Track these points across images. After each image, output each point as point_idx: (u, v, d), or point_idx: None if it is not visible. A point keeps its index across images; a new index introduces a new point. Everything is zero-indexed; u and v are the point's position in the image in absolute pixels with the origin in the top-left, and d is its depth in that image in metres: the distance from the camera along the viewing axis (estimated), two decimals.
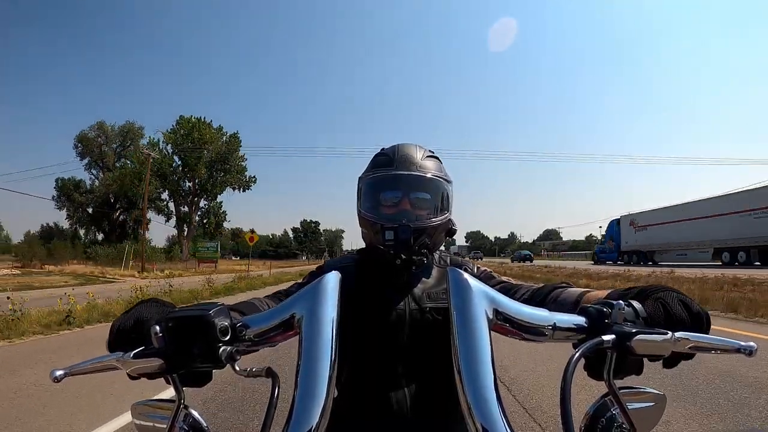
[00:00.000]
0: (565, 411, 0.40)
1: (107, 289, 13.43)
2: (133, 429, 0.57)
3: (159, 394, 3.39)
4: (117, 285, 15.62)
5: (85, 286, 15.78)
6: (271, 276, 22.24)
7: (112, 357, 0.52)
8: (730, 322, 6.80)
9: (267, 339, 0.54)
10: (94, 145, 46.59)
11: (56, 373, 0.51)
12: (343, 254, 0.98)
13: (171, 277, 19.86)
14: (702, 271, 14.45)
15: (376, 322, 0.83)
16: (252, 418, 3.12)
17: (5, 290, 10.46)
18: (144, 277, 22.18)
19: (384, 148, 0.96)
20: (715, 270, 15.54)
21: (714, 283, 11.11)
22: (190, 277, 22.75)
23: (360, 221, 0.94)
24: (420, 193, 0.89)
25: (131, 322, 0.55)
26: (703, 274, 13.20)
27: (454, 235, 0.97)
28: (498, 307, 0.48)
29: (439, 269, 0.94)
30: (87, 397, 3.59)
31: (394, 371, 0.82)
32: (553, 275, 18.86)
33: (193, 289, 13.82)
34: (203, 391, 0.58)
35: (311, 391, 0.42)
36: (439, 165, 0.94)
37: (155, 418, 0.54)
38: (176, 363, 0.50)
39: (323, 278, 0.51)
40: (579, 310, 0.56)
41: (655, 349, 0.46)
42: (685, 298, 0.53)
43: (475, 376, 0.42)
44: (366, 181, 0.92)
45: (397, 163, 0.89)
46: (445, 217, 0.90)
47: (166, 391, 3.32)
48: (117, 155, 47.35)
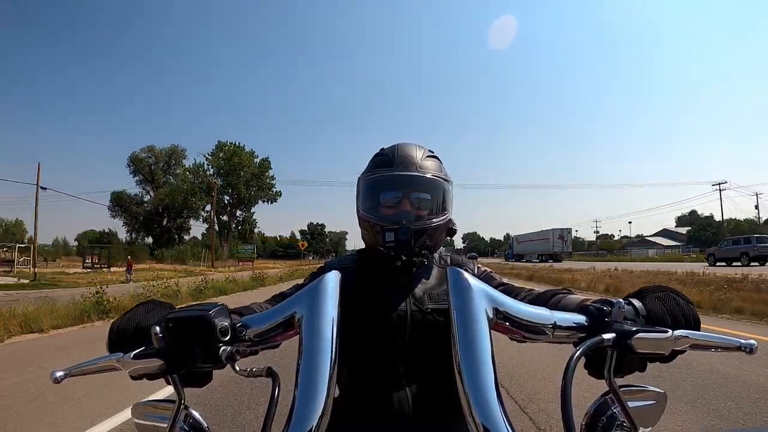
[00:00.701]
0: (565, 409, 0.40)
1: (215, 278, 16.63)
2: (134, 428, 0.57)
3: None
4: (213, 275, 19.53)
5: (190, 277, 19.42)
6: (309, 269, 28.19)
7: (112, 357, 0.52)
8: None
9: (267, 339, 0.54)
10: (144, 165, 56.27)
11: (56, 374, 0.51)
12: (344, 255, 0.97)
13: (236, 272, 27.16)
14: (534, 266, 32.77)
15: (377, 323, 0.83)
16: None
17: (124, 282, 16.02)
18: (219, 272, 29.91)
19: (383, 148, 0.95)
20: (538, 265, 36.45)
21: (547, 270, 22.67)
22: (244, 272, 27.68)
23: (360, 222, 0.93)
24: (420, 194, 0.88)
25: (131, 323, 0.55)
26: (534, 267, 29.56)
27: (454, 235, 0.96)
28: (498, 306, 0.48)
29: (439, 269, 0.93)
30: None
31: (395, 371, 0.82)
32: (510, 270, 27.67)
33: (275, 274, 22.00)
34: (204, 391, 0.58)
35: (312, 391, 0.42)
36: (439, 165, 0.93)
37: (156, 418, 0.54)
38: (176, 363, 0.50)
39: (323, 278, 0.51)
40: (579, 308, 0.56)
41: (655, 348, 0.46)
42: (682, 297, 0.53)
43: (475, 375, 0.42)
44: (365, 181, 0.91)
45: (397, 163, 0.87)
46: (445, 217, 0.89)
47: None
48: (164, 173, 57.68)
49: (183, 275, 22.63)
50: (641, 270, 19.05)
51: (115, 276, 22.31)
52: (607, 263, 31.60)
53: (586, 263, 31.69)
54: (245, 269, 33.08)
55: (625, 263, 30.65)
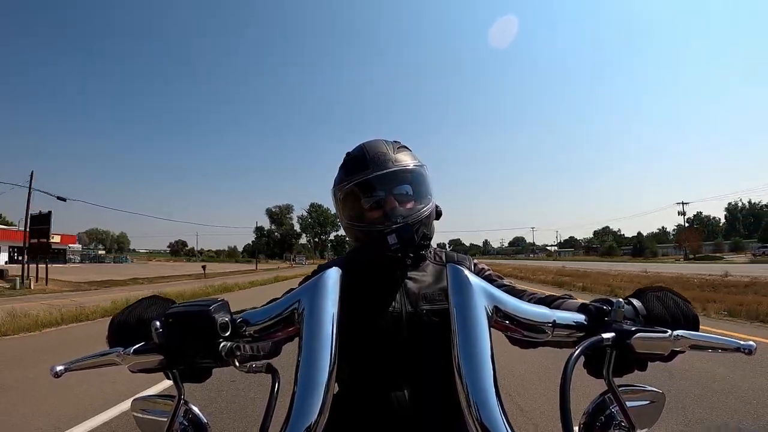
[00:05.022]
0: (564, 408, 0.40)
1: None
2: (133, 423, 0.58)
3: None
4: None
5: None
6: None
7: (112, 352, 0.52)
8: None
9: (267, 335, 0.54)
10: (274, 214, 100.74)
11: (56, 368, 0.51)
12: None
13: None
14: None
15: (374, 323, 0.82)
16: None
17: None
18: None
19: (350, 152, 0.91)
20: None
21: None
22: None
23: (350, 233, 0.90)
24: (404, 187, 0.86)
25: (132, 318, 0.56)
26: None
27: (440, 217, 0.94)
28: (498, 305, 0.48)
29: (435, 266, 0.92)
30: None
31: (394, 371, 0.82)
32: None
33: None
34: (203, 385, 0.58)
35: (311, 387, 0.42)
36: (411, 153, 0.91)
37: (155, 413, 0.54)
38: (176, 359, 0.50)
39: (324, 274, 0.51)
40: (579, 308, 0.56)
41: (654, 348, 0.46)
42: (681, 297, 0.53)
43: (475, 374, 0.42)
44: (345, 190, 0.87)
45: (372, 164, 0.84)
46: (431, 203, 0.89)
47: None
48: (282, 217, 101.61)
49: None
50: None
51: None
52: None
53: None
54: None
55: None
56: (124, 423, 3.09)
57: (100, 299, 12.48)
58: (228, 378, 4.00)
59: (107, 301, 10.97)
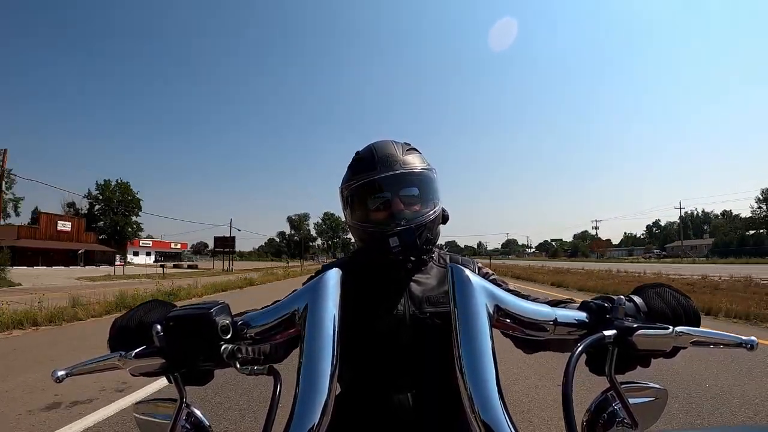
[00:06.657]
0: (567, 406, 0.40)
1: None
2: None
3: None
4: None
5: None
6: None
7: (113, 356, 0.52)
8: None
9: (269, 337, 0.54)
10: (293, 221, 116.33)
11: (58, 373, 0.51)
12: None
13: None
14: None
15: (377, 325, 0.82)
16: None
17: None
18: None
19: (359, 152, 0.91)
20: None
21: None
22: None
23: (354, 233, 0.90)
24: (411, 190, 0.85)
25: (133, 322, 0.55)
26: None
27: (447, 221, 0.94)
28: (499, 303, 0.48)
29: (439, 269, 0.91)
30: None
31: (396, 372, 0.81)
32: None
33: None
34: (204, 388, 0.58)
35: (313, 389, 0.42)
36: (421, 156, 0.91)
37: (158, 417, 0.54)
38: (177, 362, 0.50)
39: (324, 275, 0.51)
40: (580, 305, 0.56)
41: (656, 344, 0.46)
42: (681, 294, 0.53)
43: (477, 373, 0.41)
44: (352, 189, 0.87)
45: (380, 165, 0.84)
46: (438, 207, 0.88)
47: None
48: (300, 223, 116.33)
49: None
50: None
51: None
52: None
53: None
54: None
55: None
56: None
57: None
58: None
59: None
